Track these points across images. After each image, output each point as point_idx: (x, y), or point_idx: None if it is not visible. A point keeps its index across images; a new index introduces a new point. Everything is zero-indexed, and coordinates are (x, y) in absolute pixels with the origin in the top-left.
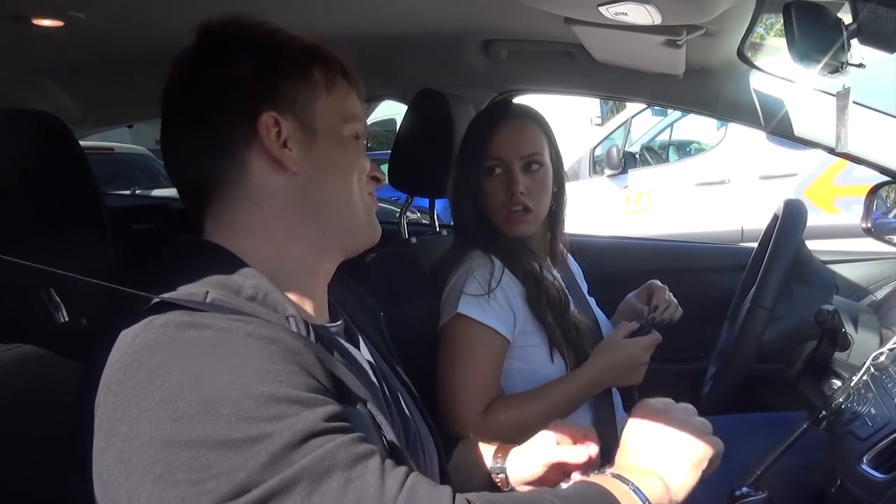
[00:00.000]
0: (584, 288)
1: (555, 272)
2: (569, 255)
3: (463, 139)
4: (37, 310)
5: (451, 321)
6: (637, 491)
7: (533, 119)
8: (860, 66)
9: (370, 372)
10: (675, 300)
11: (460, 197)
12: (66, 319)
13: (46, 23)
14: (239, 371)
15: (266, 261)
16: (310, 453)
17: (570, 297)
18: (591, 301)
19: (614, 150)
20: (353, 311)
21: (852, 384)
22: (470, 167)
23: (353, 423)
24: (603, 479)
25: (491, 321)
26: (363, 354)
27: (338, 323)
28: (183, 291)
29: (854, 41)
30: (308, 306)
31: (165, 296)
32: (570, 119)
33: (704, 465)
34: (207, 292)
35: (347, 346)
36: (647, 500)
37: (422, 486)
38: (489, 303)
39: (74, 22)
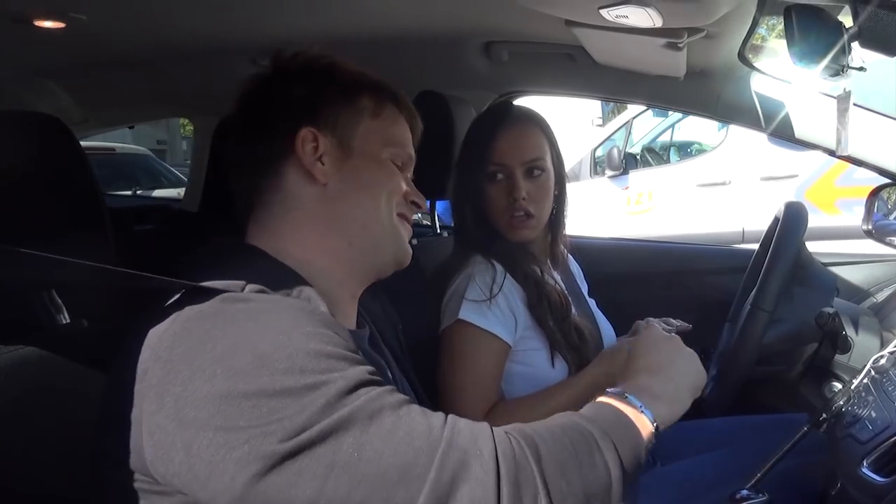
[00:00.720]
0: (585, 289)
1: (556, 275)
2: (569, 256)
3: (463, 142)
4: (38, 311)
5: (452, 326)
6: (646, 411)
7: (535, 123)
8: (861, 69)
9: (391, 377)
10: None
11: (462, 201)
12: (67, 321)
13: (48, 24)
14: (288, 332)
15: (298, 262)
16: (360, 398)
17: (571, 301)
18: (592, 303)
19: (615, 151)
20: (376, 318)
21: (853, 387)
22: (471, 172)
23: None
24: (616, 399)
25: (492, 327)
26: (383, 357)
27: (363, 330)
28: (220, 285)
29: (854, 44)
30: (335, 312)
31: (205, 284)
32: (571, 120)
33: (697, 393)
34: (245, 284)
35: (371, 351)
36: (654, 420)
37: (461, 420)
38: (490, 308)
39: (76, 24)
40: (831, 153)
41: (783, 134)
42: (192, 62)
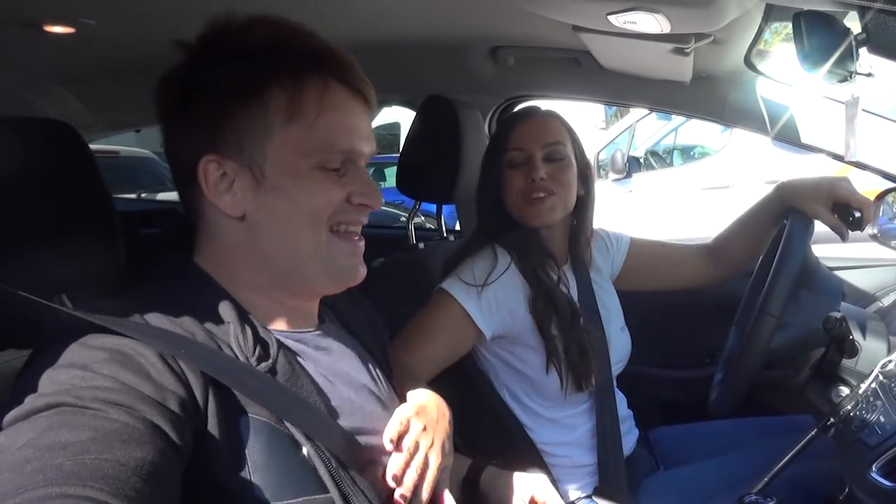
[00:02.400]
0: (613, 301)
1: (571, 280)
2: (599, 259)
3: (490, 141)
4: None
5: (434, 293)
6: None
7: (556, 117)
8: (868, 75)
9: (332, 381)
10: None
11: (483, 189)
12: None
13: (58, 29)
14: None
15: (229, 284)
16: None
17: (579, 312)
18: (619, 316)
19: (619, 155)
20: (357, 326)
21: (861, 391)
22: (492, 161)
23: (227, 434)
24: None
25: (471, 308)
26: (331, 360)
27: (309, 331)
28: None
29: (862, 50)
30: (277, 322)
31: (78, 313)
32: (574, 123)
33: None
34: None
35: (316, 352)
36: None
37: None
38: (479, 295)
39: (86, 29)
40: (839, 158)
41: (789, 138)
42: None
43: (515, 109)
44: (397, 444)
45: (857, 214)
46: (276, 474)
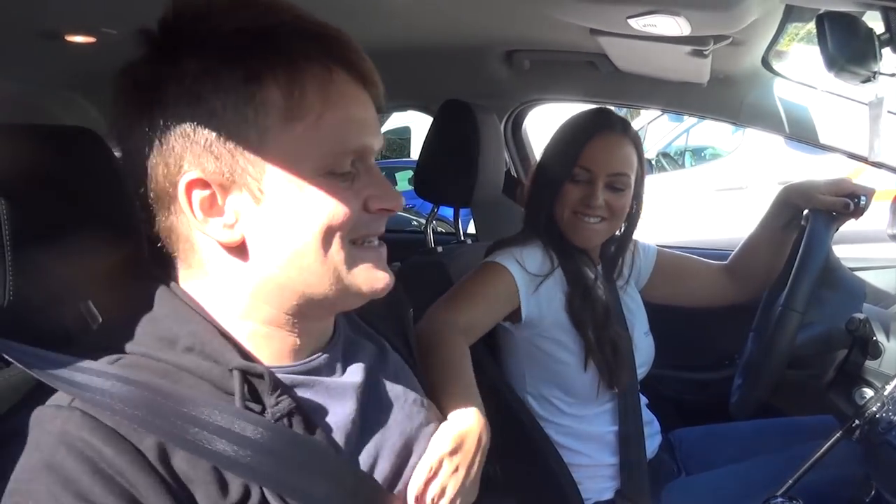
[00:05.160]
0: (637, 305)
1: (603, 286)
2: (632, 275)
3: (554, 137)
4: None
5: (484, 265)
6: None
7: (630, 138)
8: (893, 75)
9: (343, 399)
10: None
11: (536, 193)
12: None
13: (79, 39)
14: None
15: (226, 318)
16: None
17: (611, 314)
18: (643, 324)
19: None
20: (371, 316)
21: (886, 393)
22: (556, 169)
23: None
24: None
25: (521, 284)
26: (347, 379)
27: (315, 357)
28: (127, 347)
29: (886, 50)
30: (275, 351)
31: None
32: None
33: None
34: (131, 351)
35: (319, 378)
36: None
37: None
38: (532, 282)
39: (107, 38)
40: (859, 158)
41: (808, 139)
42: None
43: (589, 112)
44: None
45: (864, 199)
46: None
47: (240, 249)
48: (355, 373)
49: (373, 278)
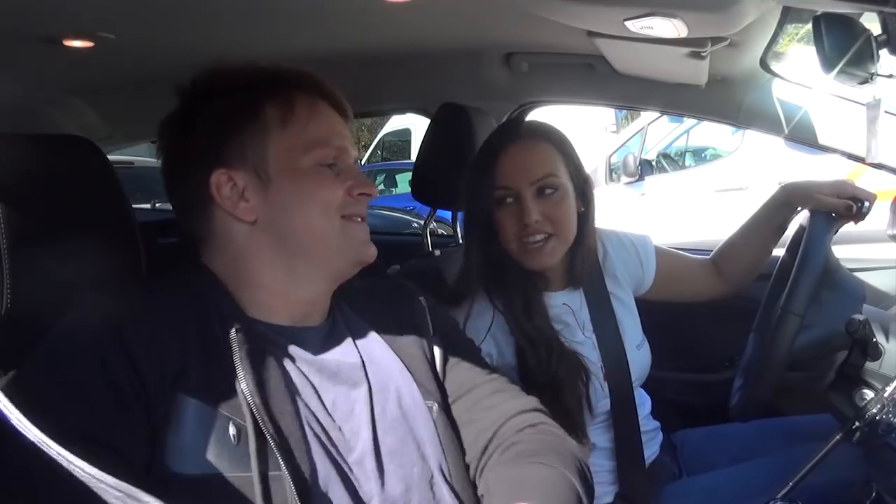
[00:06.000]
0: (632, 327)
1: (578, 301)
2: (622, 268)
3: (470, 166)
4: None
5: None
6: None
7: (543, 138)
8: (890, 76)
9: (310, 373)
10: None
11: (470, 231)
12: None
13: (77, 44)
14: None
15: (238, 286)
16: None
17: (562, 354)
18: (637, 329)
19: (631, 158)
20: (378, 321)
21: (886, 395)
22: (478, 199)
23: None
24: None
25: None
26: (332, 356)
27: (312, 326)
28: None
29: (883, 52)
30: (275, 314)
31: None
32: (585, 127)
33: None
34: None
35: (296, 349)
36: None
37: None
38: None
39: (105, 43)
40: (857, 159)
41: (806, 139)
42: None
43: (497, 128)
44: None
45: (867, 204)
46: (202, 443)
47: (254, 226)
48: (347, 353)
49: (362, 247)
